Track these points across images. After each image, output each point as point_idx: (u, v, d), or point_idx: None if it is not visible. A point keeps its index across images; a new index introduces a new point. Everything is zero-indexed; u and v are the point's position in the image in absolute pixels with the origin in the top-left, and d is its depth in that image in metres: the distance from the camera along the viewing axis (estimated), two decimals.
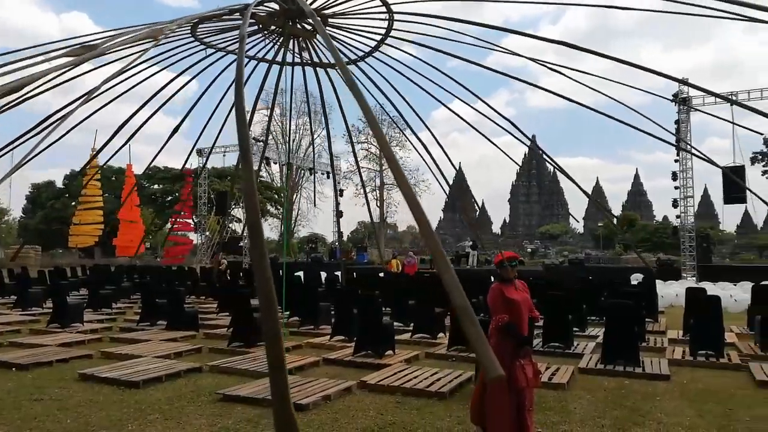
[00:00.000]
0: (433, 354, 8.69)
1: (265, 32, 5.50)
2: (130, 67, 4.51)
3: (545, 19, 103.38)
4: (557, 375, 6.90)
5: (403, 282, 15.33)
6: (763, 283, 15.05)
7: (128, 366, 7.39)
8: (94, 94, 3.35)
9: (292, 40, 5.67)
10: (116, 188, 45.83)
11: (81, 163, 66.31)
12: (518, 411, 4.37)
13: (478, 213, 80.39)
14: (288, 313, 12.43)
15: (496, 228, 79.75)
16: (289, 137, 43.62)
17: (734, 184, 21.55)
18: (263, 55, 6.26)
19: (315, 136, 39.83)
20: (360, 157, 48.95)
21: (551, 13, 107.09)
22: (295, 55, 6.15)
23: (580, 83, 5.30)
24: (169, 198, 51.80)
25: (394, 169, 1.73)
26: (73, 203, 41.81)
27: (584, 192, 6.70)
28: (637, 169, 77.76)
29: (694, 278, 22.85)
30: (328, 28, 5.17)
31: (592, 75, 5.16)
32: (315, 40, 5.65)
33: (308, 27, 5.24)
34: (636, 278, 18.09)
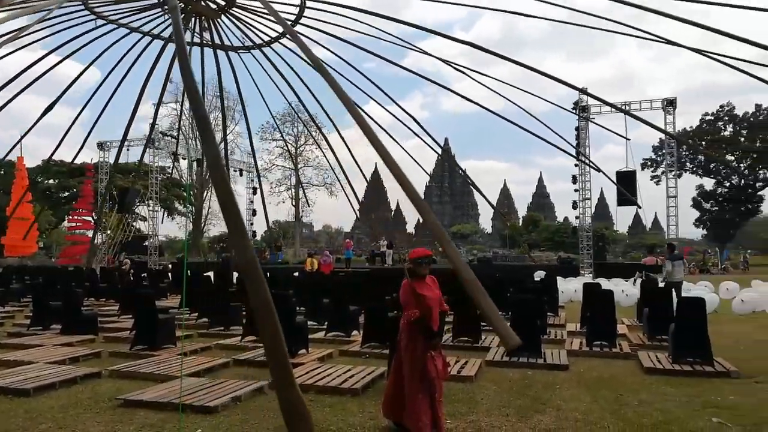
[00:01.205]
0: (347, 351, 8.71)
1: (165, 7, 5.18)
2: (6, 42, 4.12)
3: (457, 25, 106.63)
4: (466, 368, 7.14)
5: (318, 281, 15.22)
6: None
7: (17, 373, 6.80)
8: None
9: (194, 19, 5.40)
10: (5, 183, 42.04)
11: None
12: (430, 401, 4.51)
13: (393, 213, 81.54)
14: (194, 313, 11.99)
15: (410, 228, 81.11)
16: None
17: (626, 187, 23.27)
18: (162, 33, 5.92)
19: (227, 132, 38.67)
20: (275, 155, 48.11)
21: (464, 20, 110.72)
22: (195, 34, 5.86)
23: (490, 89, 5.53)
24: (66, 194, 48.30)
25: (398, 175, 1.70)
26: None
27: (484, 197, 7.00)
28: (541, 172, 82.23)
29: (591, 275, 24.48)
30: (235, 9, 4.99)
31: (501, 81, 5.39)
32: (220, 20, 5.43)
33: (213, 5, 5.01)
34: (539, 275, 19.10)
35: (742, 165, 49.22)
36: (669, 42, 4.23)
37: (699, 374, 7.04)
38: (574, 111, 26.17)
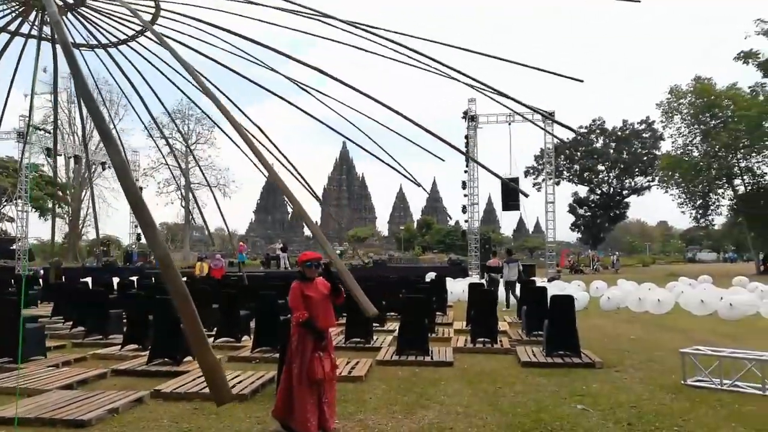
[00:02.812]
0: (236, 357, 8.50)
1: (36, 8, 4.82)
2: None
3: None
4: (356, 368, 7.25)
5: (208, 286, 14.68)
6: (531, 279, 17.63)
7: None
8: None
9: (36, 13, 5.03)
10: None
11: None
12: (318, 402, 4.56)
13: (290, 215, 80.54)
14: (68, 322, 11.13)
15: (307, 231, 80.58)
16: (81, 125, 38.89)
17: (511, 193, 24.78)
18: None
19: (115, 125, 36.12)
20: (164, 153, 45.72)
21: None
22: (34, 27, 5.45)
23: (375, 100, 5.64)
24: None
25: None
26: None
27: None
28: (434, 177, 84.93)
29: (479, 275, 25.75)
30: (86, 9, 4.72)
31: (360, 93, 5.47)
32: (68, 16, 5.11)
33: (60, 2, 4.70)
34: (430, 276, 19.80)
35: (611, 174, 54.14)
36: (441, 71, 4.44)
37: (569, 366, 7.67)
38: (464, 116, 27.41)
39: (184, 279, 17.73)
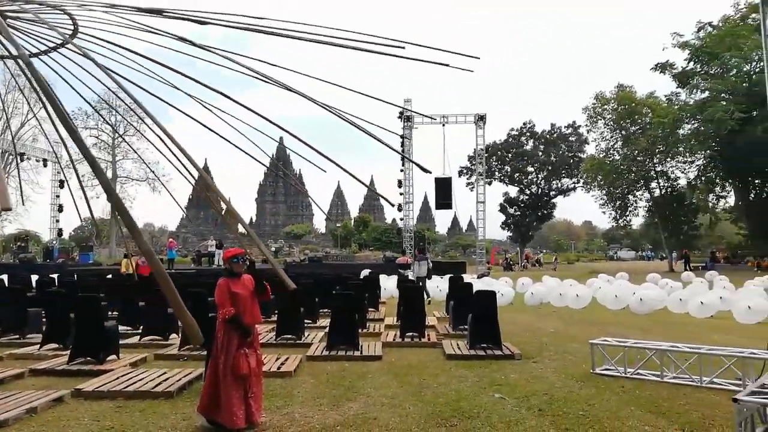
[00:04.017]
0: (163, 355, 8.38)
1: None
2: None
3: None
4: (286, 364, 7.35)
5: (134, 283, 14.26)
6: (463, 275, 18.21)
7: None
8: None
9: None
10: None
11: None
12: (244, 396, 4.66)
13: (224, 211, 78.58)
14: None
15: (241, 227, 79.00)
16: None
17: (444, 192, 25.44)
18: None
19: (29, 117, 34.19)
20: (88, 145, 43.66)
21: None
22: None
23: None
24: None
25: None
26: None
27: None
28: (372, 175, 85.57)
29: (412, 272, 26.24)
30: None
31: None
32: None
33: None
34: (365, 273, 20.05)
35: (540, 176, 56.42)
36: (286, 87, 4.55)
37: (490, 357, 8.08)
38: (400, 117, 27.83)
39: (109, 276, 17.16)
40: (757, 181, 37.07)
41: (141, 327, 9.92)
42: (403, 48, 3.35)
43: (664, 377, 6.66)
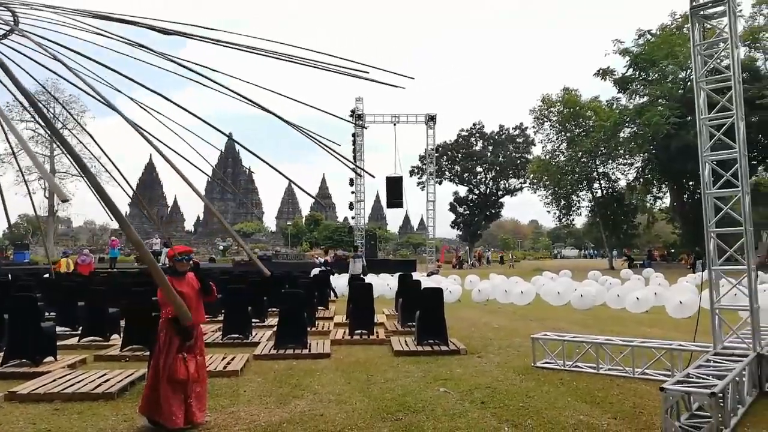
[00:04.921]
0: (103, 356, 8.13)
1: None
2: None
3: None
4: (232, 363, 7.27)
5: (73, 283, 13.71)
6: (413, 273, 18.42)
7: None
8: None
9: None
10: None
11: None
12: (184, 398, 4.60)
13: (170, 209, 76.51)
14: None
15: (189, 225, 77.16)
16: None
17: (395, 191, 25.62)
18: None
19: None
20: (26, 138, 41.56)
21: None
22: None
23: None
24: None
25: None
26: None
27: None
28: (324, 174, 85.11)
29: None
30: None
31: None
32: None
33: None
34: (315, 272, 19.95)
35: (488, 176, 57.63)
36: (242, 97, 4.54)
37: (437, 353, 8.24)
38: (351, 116, 27.84)
39: (46, 276, 16.47)
40: (690, 183, 39.06)
41: (80, 328, 9.58)
42: (368, 73, 3.39)
43: (599, 369, 6.98)
